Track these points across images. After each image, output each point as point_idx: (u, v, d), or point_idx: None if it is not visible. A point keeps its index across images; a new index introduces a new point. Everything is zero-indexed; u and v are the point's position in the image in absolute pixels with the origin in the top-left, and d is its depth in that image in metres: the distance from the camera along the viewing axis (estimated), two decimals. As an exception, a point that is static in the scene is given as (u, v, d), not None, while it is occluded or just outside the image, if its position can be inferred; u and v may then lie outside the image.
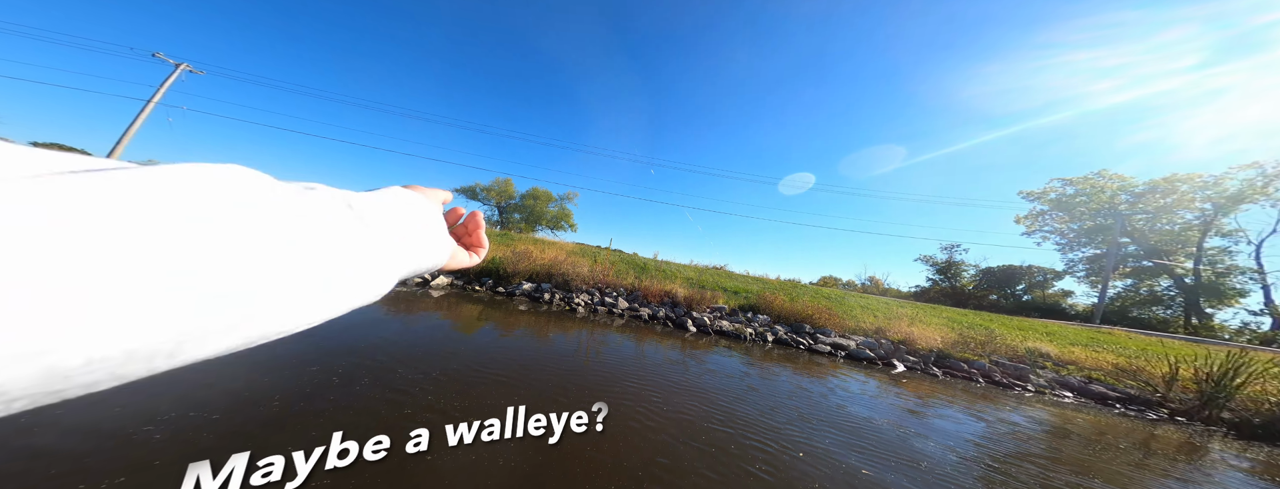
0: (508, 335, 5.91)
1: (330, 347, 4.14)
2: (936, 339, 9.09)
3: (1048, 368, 8.33)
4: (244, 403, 2.79)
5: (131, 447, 2.21)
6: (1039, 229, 32.93)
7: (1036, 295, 31.78)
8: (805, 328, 9.42)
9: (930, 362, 8.23)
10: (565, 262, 10.42)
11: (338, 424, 2.74)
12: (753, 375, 5.64)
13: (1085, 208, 29.96)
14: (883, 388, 6.10)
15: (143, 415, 2.48)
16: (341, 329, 4.89)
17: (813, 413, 4.33)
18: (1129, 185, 29.04)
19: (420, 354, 4.37)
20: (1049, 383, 7.74)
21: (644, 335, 7.32)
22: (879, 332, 9.68)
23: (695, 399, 4.21)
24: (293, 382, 3.22)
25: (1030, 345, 9.28)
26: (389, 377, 3.61)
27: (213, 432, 2.42)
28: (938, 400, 5.78)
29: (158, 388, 2.79)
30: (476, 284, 9.17)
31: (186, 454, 2.26)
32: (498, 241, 12.67)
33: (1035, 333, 11.23)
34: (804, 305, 10.33)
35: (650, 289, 10.10)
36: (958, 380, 7.51)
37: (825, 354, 8.16)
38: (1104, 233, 29.08)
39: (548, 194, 29.56)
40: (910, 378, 7.15)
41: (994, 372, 7.90)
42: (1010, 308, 27.80)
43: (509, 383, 3.94)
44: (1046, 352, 9.01)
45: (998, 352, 8.91)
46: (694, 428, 3.43)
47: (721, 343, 7.79)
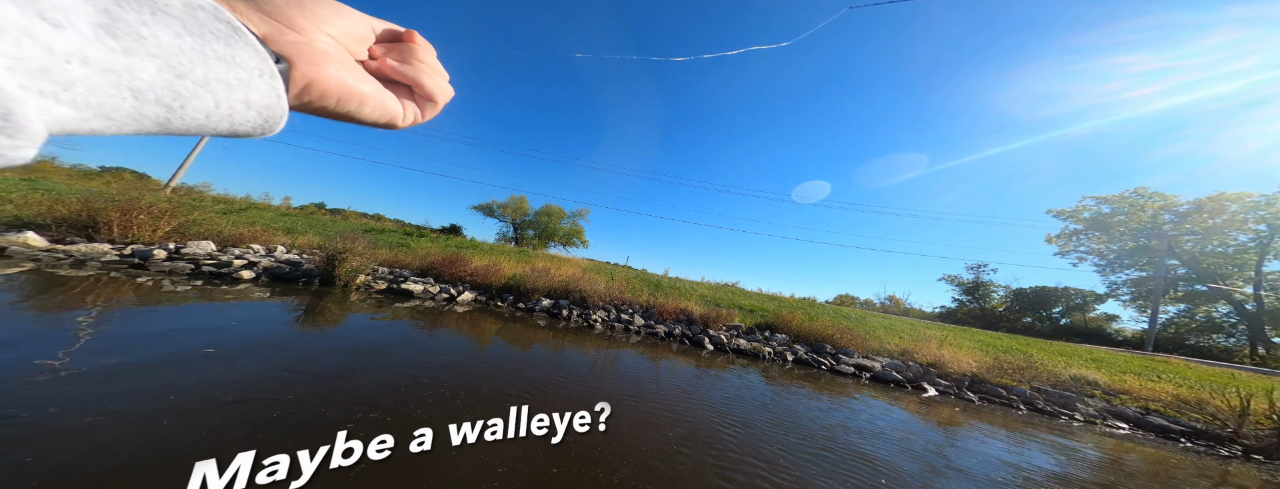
0: (525, 350, 5.83)
1: (342, 359, 4.17)
2: (970, 363, 8.48)
3: (1097, 396, 7.59)
4: (273, 404, 2.79)
5: (147, 446, 2.21)
6: (1074, 249, 31.06)
7: (1076, 319, 29.59)
8: (826, 348, 8.97)
9: (964, 386, 7.64)
10: (582, 279, 10.39)
11: (348, 429, 2.68)
12: (789, 396, 5.34)
13: (1125, 227, 28.17)
14: (915, 411, 5.66)
15: (175, 410, 2.49)
16: (357, 339, 4.94)
17: (860, 440, 4.02)
18: (1172, 204, 27.24)
19: (448, 364, 4.34)
20: (1100, 412, 7.02)
21: (660, 352, 7.10)
22: (905, 353, 9.12)
23: (728, 424, 3.99)
24: (310, 386, 3.22)
25: (1076, 372, 8.53)
26: (411, 387, 3.57)
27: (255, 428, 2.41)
28: (978, 425, 5.30)
29: (192, 383, 2.82)
30: (498, 300, 9.22)
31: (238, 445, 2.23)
32: (516, 258, 12.81)
33: (1079, 359, 10.35)
34: (824, 325, 9.89)
35: (666, 306, 9.90)
36: (996, 406, 6.91)
37: (848, 375, 7.70)
38: (1148, 254, 27.15)
39: (561, 211, 29.75)
40: (943, 402, 6.63)
41: (1036, 398, 7.25)
42: (1047, 332, 25.92)
43: (530, 397, 3.83)
44: (1094, 379, 8.25)
45: (1038, 377, 8.22)
46: (739, 454, 3.22)
47: (739, 361, 7.47)
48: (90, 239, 7.15)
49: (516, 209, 28.91)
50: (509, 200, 28.96)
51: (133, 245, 7.30)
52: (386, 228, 18.23)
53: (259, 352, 3.79)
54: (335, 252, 7.98)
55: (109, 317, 4.18)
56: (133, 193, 8.27)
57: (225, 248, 8.50)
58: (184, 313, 4.79)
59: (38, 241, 6.45)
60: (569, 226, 29.85)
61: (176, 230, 8.13)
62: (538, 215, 29.34)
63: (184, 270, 6.88)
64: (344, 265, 7.90)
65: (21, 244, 6.27)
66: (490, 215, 29.07)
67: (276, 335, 4.45)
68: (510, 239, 28.86)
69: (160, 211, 7.86)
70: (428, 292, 8.63)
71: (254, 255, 8.30)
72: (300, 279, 7.72)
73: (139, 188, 9.46)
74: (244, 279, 7.05)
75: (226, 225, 9.41)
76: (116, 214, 7.37)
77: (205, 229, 8.75)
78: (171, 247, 7.61)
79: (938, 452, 4.03)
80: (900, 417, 5.28)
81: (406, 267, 9.94)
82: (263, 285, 6.96)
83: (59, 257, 6.40)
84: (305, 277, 7.80)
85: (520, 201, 29.14)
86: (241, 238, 9.15)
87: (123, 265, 6.65)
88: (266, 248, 9.19)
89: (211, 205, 9.62)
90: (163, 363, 3.19)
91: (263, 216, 12.59)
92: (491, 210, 28.96)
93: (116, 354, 3.23)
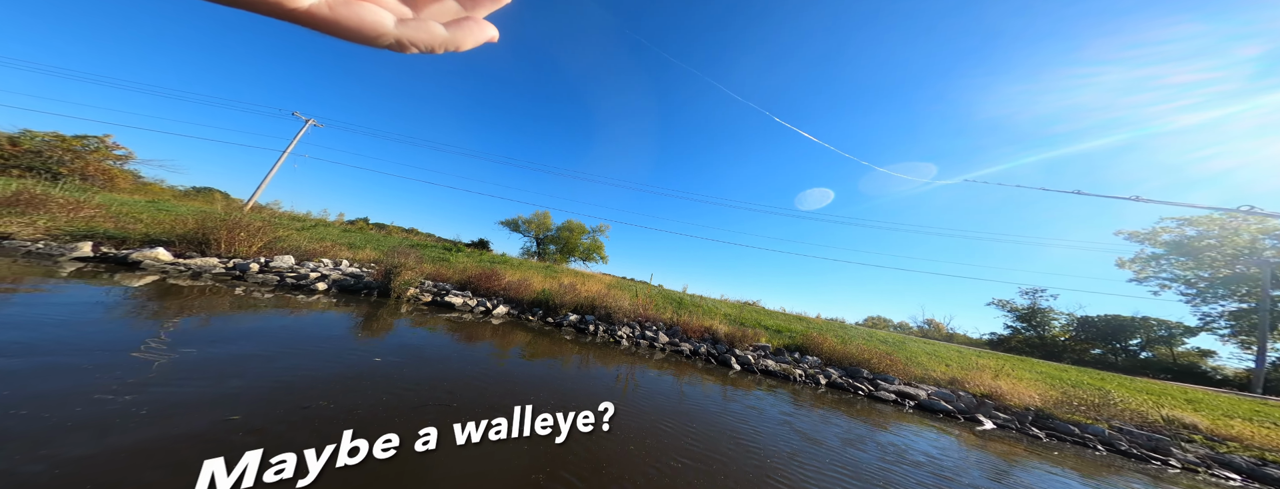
0: (568, 365, 5.78)
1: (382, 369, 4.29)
2: (1031, 396, 7.49)
3: (1197, 442, 6.40)
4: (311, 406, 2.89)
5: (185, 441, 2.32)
6: (1154, 275, 27.40)
7: (1161, 353, 25.68)
8: (863, 373, 8.26)
9: (1027, 421, 6.71)
10: (607, 295, 10.34)
11: (356, 427, 2.71)
12: (849, 428, 4.91)
13: (1216, 253, 24.63)
14: (973, 445, 4.99)
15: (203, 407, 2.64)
16: (394, 350, 5.09)
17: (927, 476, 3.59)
18: (1272, 227, 23.68)
19: (475, 373, 4.37)
20: (1202, 459, 5.89)
21: (686, 371, 6.81)
22: (954, 382, 8.21)
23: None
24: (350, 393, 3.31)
25: (1168, 413, 7.28)
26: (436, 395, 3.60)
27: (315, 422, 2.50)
28: (1046, 465, 4.57)
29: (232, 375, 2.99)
30: (529, 314, 9.33)
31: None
32: (544, 274, 13.02)
33: (1171, 398, 8.87)
34: (858, 348, 9.16)
35: (690, 324, 9.60)
36: (1066, 445, 5.97)
37: (889, 403, 6.99)
38: (1247, 283, 23.47)
39: (582, 226, 29.89)
40: (1002, 438, 5.82)
41: (1118, 440, 6.22)
42: (1125, 366, 22.66)
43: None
44: (1192, 422, 6.99)
45: (1119, 416, 7.09)
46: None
47: (767, 382, 7.01)
48: (203, 253, 7.98)
49: (540, 224, 29.31)
50: (533, 216, 29.44)
51: (234, 259, 8.06)
52: (426, 243, 19.15)
53: (344, 354, 3.99)
54: (392, 266, 8.45)
55: (237, 319, 4.59)
56: (235, 213, 8.96)
57: (302, 261, 9.22)
58: (307, 319, 5.18)
59: (165, 256, 7.30)
60: (589, 242, 29.90)
61: (266, 246, 8.92)
62: (559, 231, 29.59)
63: (271, 282, 7.50)
64: (398, 278, 8.33)
65: (154, 258, 7.13)
66: (515, 230, 29.60)
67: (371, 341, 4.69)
68: (533, 253, 29.09)
69: (255, 229, 8.65)
70: (467, 304, 8.89)
71: (325, 269, 8.93)
72: (362, 291, 8.20)
73: (228, 206, 10.57)
74: (318, 290, 7.58)
75: (304, 241, 10.25)
76: (224, 232, 8.18)
77: (287, 244, 9.55)
78: (263, 260, 8.35)
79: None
80: (952, 448, 4.66)
81: (448, 280, 10.34)
82: (332, 296, 7.44)
83: (181, 269, 7.17)
84: (366, 288, 8.28)
85: (543, 217, 29.58)
86: (314, 253, 9.91)
87: (227, 277, 7.33)
88: (334, 261, 9.90)
89: (289, 222, 10.59)
90: (344, 371, 3.42)
91: (329, 233, 13.69)
92: (516, 225, 29.51)
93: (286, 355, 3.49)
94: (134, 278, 6.10)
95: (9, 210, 7.38)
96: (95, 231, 7.91)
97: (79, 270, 5.99)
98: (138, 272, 6.60)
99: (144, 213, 9.93)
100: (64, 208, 8.28)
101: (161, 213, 10.17)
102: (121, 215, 9.19)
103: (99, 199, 9.91)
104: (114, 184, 16.74)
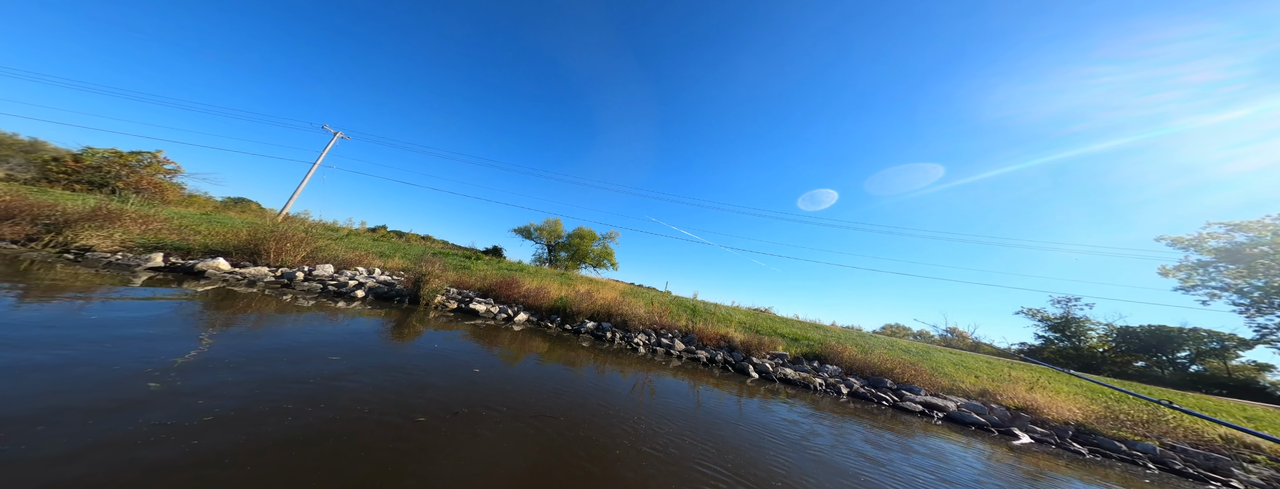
0: (601, 373, 5.77)
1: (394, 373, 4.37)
2: (1071, 410, 6.96)
3: (1260, 463, 5.78)
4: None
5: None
6: (1202, 284, 25.31)
7: (1213, 366, 23.54)
8: (886, 383, 7.88)
9: (1068, 436, 6.23)
10: (622, 303, 10.29)
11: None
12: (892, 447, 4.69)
13: (1271, 260, 22.61)
14: (1005, 459, 4.65)
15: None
16: (417, 358, 5.19)
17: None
18: (1333, 232, 21.61)
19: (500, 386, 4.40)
20: (1266, 481, 5.30)
21: (703, 378, 6.67)
22: (985, 394, 7.73)
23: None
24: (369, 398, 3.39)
25: (1226, 432, 6.63)
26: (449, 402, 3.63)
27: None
28: (1100, 482, 4.20)
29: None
30: (548, 321, 9.38)
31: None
32: (560, 281, 13.09)
33: (1227, 415, 8.08)
34: (880, 358, 8.77)
35: (705, 332, 9.43)
36: (1113, 462, 5.49)
37: (915, 414, 6.63)
38: (1308, 291, 21.37)
39: (592, 234, 29.84)
40: (1041, 453, 5.41)
41: (1171, 458, 5.68)
42: (1173, 380, 20.85)
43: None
44: (1253, 441, 6.33)
45: (1171, 433, 6.50)
46: None
47: (785, 391, 6.77)
48: (254, 263, 8.42)
49: (551, 232, 29.38)
50: (545, 223, 29.56)
51: (282, 268, 8.45)
52: (446, 251, 19.45)
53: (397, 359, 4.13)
54: (421, 274, 8.69)
55: (287, 323, 4.83)
56: (283, 225, 9.37)
57: (340, 270, 9.59)
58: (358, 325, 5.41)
59: (224, 266, 7.77)
60: (599, 249, 29.77)
61: (308, 255, 9.30)
62: (570, 238, 29.57)
63: (315, 290, 7.81)
64: (427, 286, 8.56)
65: (215, 268, 7.61)
66: (527, 237, 29.78)
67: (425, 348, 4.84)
68: (545, 260, 29.05)
69: (298, 240, 9.00)
70: (490, 312, 9.02)
71: (361, 277, 9.25)
72: (395, 298, 8.46)
73: (261, 215, 11.08)
74: (357, 297, 7.87)
75: (340, 250, 10.66)
76: (272, 243, 8.58)
77: (327, 254, 9.94)
78: (307, 269, 8.73)
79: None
80: (996, 462, 4.36)
81: (470, 287, 10.54)
82: (368, 302, 7.67)
83: (238, 277, 7.57)
84: (398, 296, 8.55)
85: (555, 224, 29.69)
86: (349, 261, 10.29)
87: (276, 285, 7.66)
88: (367, 269, 10.28)
89: (324, 232, 11.10)
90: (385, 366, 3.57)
91: (362, 242, 14.22)
92: (529, 233, 29.69)
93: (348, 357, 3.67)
94: (200, 285, 6.45)
95: (89, 224, 7.98)
96: (163, 243, 8.46)
97: (152, 279, 6.36)
98: (202, 280, 6.98)
99: (201, 225, 10.59)
100: (136, 221, 8.90)
101: (216, 225, 10.81)
102: (183, 227, 9.83)
103: (165, 213, 10.65)
104: (164, 196, 17.32)
